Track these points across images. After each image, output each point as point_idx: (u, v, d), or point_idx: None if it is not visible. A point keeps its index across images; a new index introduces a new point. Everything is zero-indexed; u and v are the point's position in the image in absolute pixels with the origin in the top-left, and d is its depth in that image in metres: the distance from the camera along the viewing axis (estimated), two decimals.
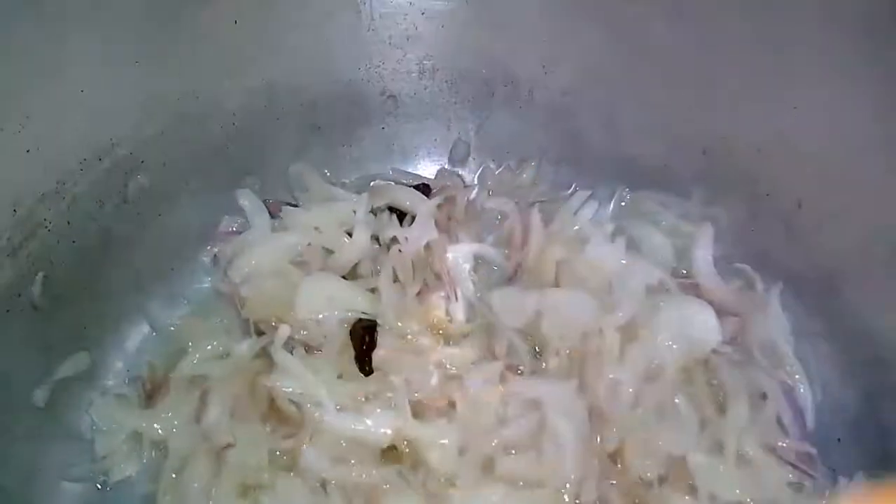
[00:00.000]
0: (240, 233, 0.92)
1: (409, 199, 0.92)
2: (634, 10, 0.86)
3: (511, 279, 0.86)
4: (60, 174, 0.79)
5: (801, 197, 0.81)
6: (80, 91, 0.78)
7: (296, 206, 0.93)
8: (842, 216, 0.78)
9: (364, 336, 0.80)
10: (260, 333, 0.81)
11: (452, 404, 0.74)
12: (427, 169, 1.05)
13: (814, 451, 0.74)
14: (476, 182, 1.03)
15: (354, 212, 0.89)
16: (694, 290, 0.81)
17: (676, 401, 0.72)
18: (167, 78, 0.85)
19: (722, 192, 0.88)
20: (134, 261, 0.87)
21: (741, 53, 0.80)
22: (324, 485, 0.71)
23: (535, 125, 1.00)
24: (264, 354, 0.79)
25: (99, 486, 0.77)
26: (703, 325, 0.74)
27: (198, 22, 0.84)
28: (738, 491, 0.70)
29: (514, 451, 0.72)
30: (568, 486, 0.68)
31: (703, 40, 0.83)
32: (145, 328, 0.89)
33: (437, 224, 0.88)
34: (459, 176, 1.04)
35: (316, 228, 0.88)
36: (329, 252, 0.88)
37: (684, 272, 0.85)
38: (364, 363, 0.78)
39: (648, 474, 0.70)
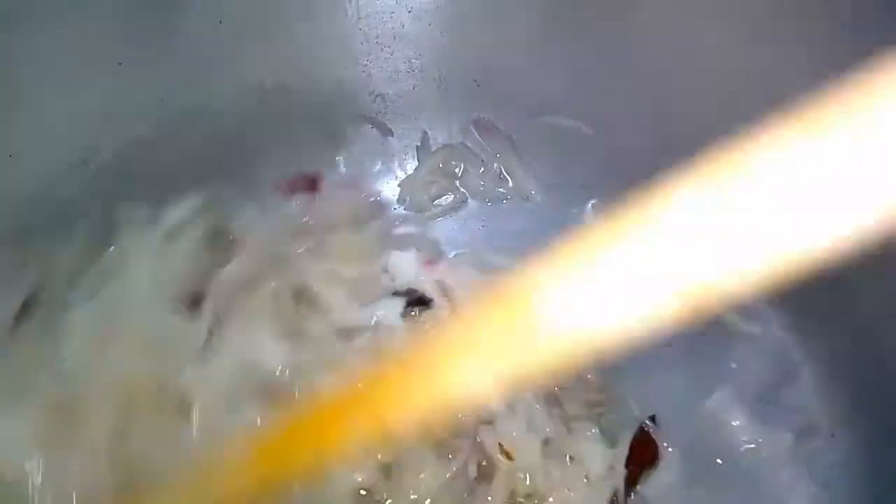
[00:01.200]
0: None
1: None
2: (626, 8, 0.86)
3: None
4: (46, 179, 0.79)
5: None
6: (63, 95, 0.78)
7: None
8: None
9: None
10: None
11: None
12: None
13: None
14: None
15: None
16: None
17: None
18: (152, 80, 0.84)
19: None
20: None
21: (732, 53, 0.80)
22: None
23: (522, 123, 0.99)
24: None
25: None
26: None
27: (182, 23, 0.84)
28: None
29: None
30: None
31: (696, 37, 0.82)
32: None
33: None
34: None
35: None
36: None
37: None
38: None
39: None
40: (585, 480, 0.70)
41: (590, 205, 0.91)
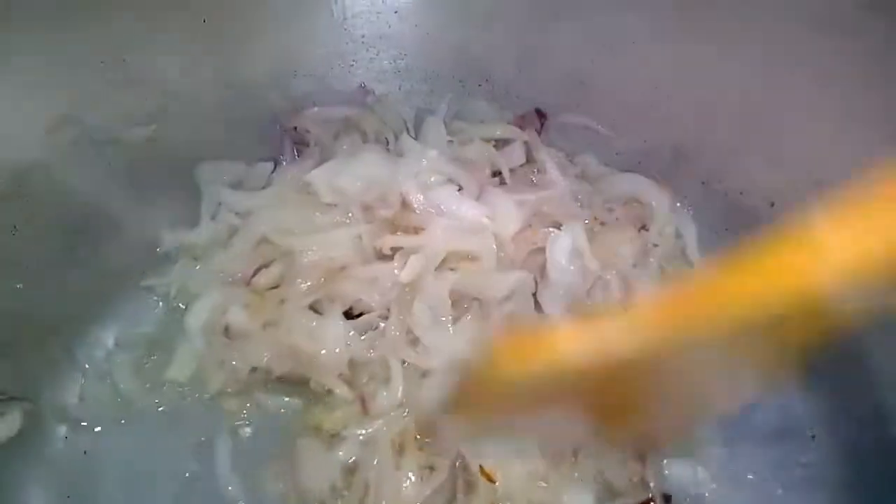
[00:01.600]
0: None
1: None
2: (610, 8, 0.86)
3: None
4: (23, 173, 0.77)
5: (772, 196, 0.81)
6: (39, 92, 0.77)
7: None
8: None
9: None
10: None
11: None
12: None
13: None
14: None
15: None
16: None
17: None
18: (134, 78, 0.83)
19: (693, 192, 0.88)
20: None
21: (713, 54, 0.80)
22: None
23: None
24: None
25: None
26: None
27: (164, 20, 0.83)
28: None
29: None
30: None
31: (677, 40, 0.83)
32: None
33: None
34: None
35: None
36: None
37: None
38: None
39: None
40: None
41: None
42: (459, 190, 0.85)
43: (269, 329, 0.79)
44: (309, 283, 0.80)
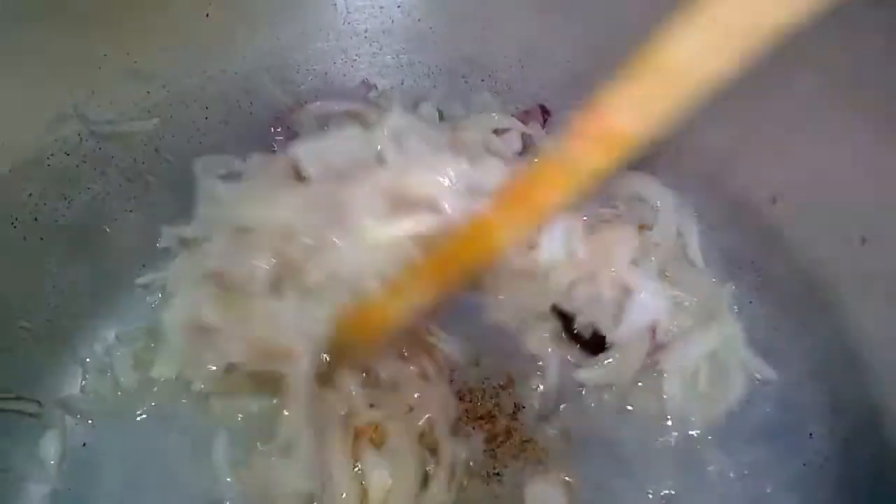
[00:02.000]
0: None
1: None
2: (613, 4, 0.86)
3: None
4: (24, 167, 0.78)
5: (774, 192, 0.81)
6: (41, 86, 0.77)
7: None
8: (815, 210, 0.78)
9: None
10: None
11: None
12: None
13: None
14: None
15: None
16: None
17: None
18: (136, 73, 0.84)
19: (696, 190, 0.88)
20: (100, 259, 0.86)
21: None
22: None
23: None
24: None
25: None
26: None
27: (166, 15, 0.83)
28: None
29: None
30: None
31: None
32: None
33: None
34: None
35: None
36: None
37: None
38: None
39: None
40: None
41: None
42: None
43: (242, 323, 0.77)
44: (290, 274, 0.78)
